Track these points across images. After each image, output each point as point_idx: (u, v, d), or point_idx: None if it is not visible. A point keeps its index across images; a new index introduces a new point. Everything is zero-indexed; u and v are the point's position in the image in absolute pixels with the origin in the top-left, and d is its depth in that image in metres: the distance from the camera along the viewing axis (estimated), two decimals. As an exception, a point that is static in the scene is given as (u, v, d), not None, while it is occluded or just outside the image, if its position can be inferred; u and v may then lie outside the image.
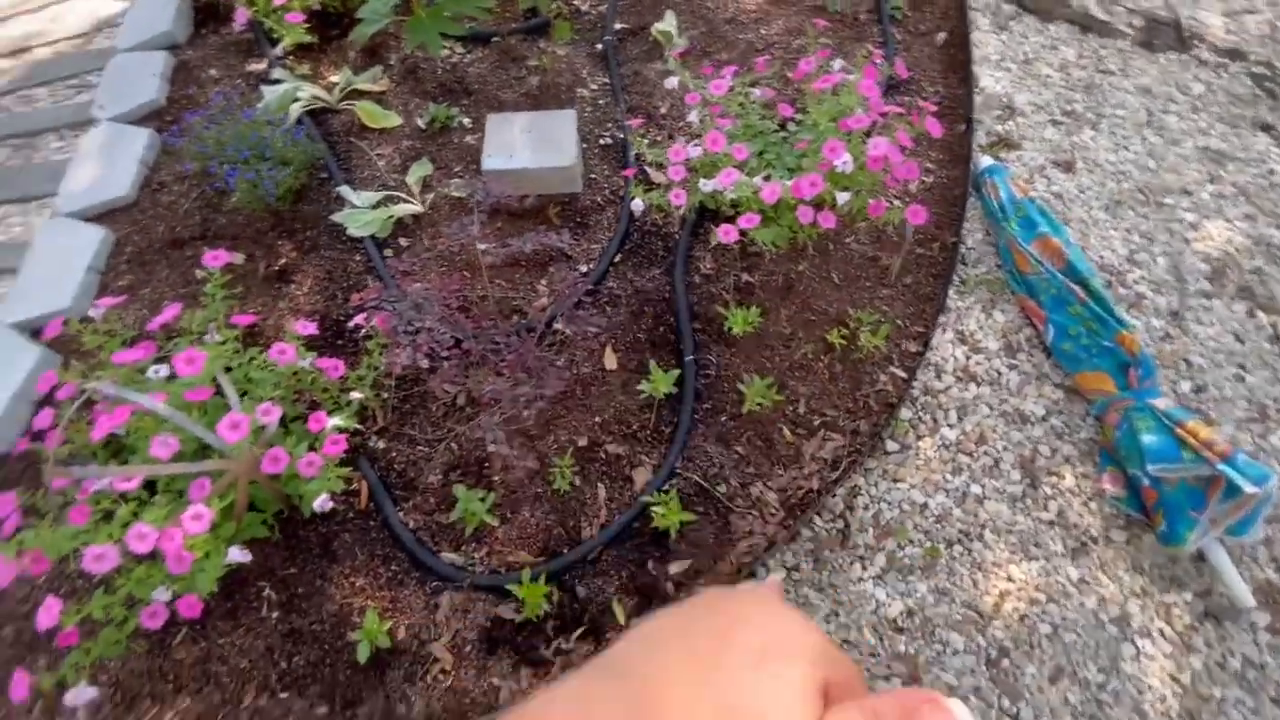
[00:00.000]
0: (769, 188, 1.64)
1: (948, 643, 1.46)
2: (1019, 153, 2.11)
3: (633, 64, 2.33)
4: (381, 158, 2.13)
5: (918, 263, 1.90)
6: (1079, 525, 1.57)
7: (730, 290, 1.86)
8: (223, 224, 1.98)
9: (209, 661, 1.45)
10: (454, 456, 1.64)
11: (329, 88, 2.25)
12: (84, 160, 2.08)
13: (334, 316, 1.82)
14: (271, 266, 1.90)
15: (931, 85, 2.23)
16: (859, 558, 1.56)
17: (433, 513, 1.58)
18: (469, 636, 1.45)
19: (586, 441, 1.65)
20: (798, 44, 2.30)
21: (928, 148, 2.10)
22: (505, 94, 2.26)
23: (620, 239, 1.94)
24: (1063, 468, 1.64)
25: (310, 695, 1.41)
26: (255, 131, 1.91)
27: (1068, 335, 1.71)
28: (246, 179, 1.85)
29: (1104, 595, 1.49)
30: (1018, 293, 1.84)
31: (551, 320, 1.80)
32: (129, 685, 1.42)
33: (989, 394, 1.73)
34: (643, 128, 2.15)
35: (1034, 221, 1.85)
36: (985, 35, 2.39)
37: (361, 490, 1.61)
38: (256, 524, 1.47)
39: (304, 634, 1.46)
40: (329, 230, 1.97)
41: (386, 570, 1.53)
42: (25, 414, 1.64)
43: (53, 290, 1.80)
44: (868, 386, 1.72)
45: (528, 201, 2.01)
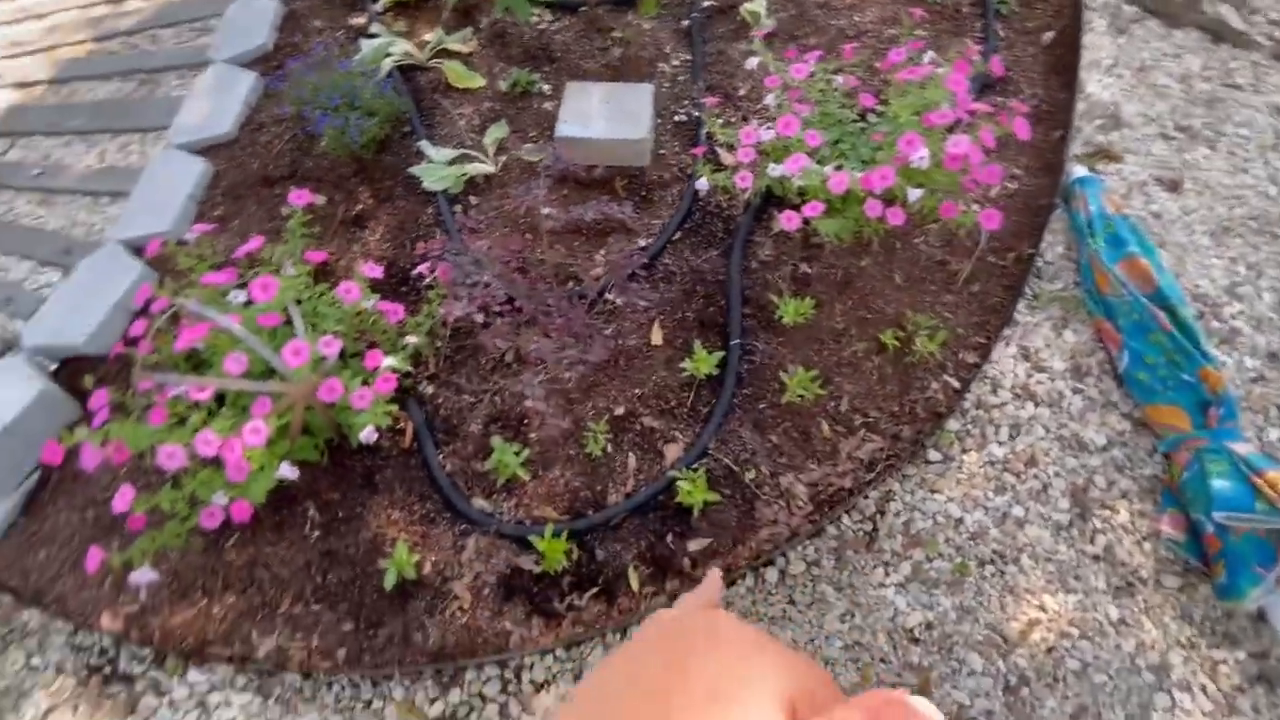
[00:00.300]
0: (837, 177, 1.60)
1: (965, 662, 1.42)
2: (1119, 166, 1.97)
3: (717, 42, 2.30)
4: (462, 117, 2.20)
5: (988, 271, 1.82)
6: (1127, 564, 1.48)
7: (786, 279, 1.83)
8: (310, 167, 2.10)
9: (255, 567, 1.57)
10: (496, 409, 1.70)
11: (420, 45, 2.33)
12: (196, 98, 2.25)
13: (400, 264, 1.91)
14: (349, 211, 2.01)
15: (1030, 87, 2.10)
16: (884, 563, 1.53)
17: (470, 460, 1.65)
18: (488, 580, 1.51)
19: (623, 411, 1.68)
20: (890, 33, 2.21)
21: (1016, 152, 1.98)
22: (587, 64, 2.28)
23: (682, 217, 1.94)
24: (1118, 502, 1.54)
25: (339, 611, 1.51)
26: (348, 81, 2.01)
27: (1144, 364, 1.60)
28: (335, 125, 1.95)
29: (1144, 640, 1.41)
30: (1094, 314, 1.73)
31: (604, 289, 1.83)
32: (185, 576, 1.56)
33: (1047, 415, 1.65)
34: (718, 107, 2.13)
35: (1123, 240, 1.73)
36: (1099, 38, 2.22)
37: (407, 430, 1.69)
38: (308, 447, 1.58)
39: (339, 555, 1.56)
40: (405, 182, 2.06)
41: (421, 508, 1.61)
42: (123, 322, 1.80)
43: (157, 214, 1.97)
44: (917, 392, 1.66)
45: (596, 172, 2.03)
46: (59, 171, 2.36)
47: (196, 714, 1.49)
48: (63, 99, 2.60)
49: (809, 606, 1.50)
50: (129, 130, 2.43)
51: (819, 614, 1.49)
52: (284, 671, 1.48)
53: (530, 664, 1.48)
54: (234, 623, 1.51)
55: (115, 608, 1.55)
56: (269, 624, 1.51)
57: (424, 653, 1.44)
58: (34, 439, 1.66)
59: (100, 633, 1.54)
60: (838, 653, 1.45)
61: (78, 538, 1.63)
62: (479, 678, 1.47)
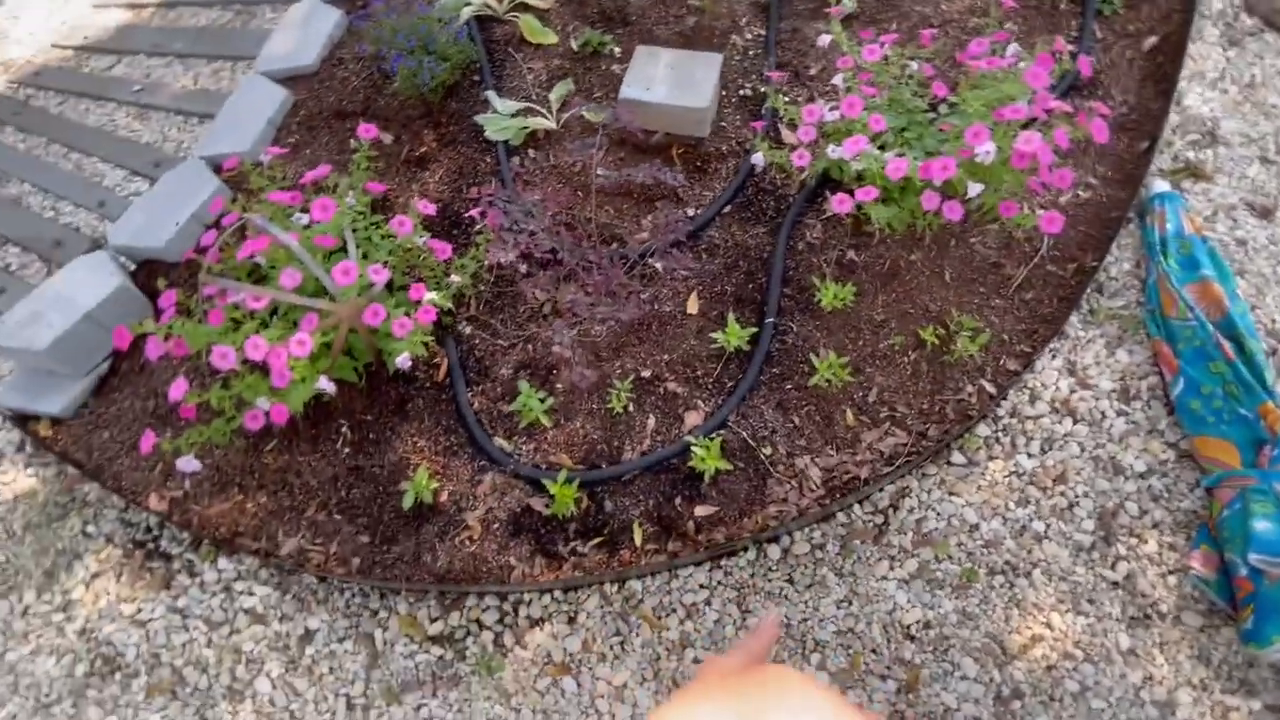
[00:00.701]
0: (896, 162, 1.56)
1: (959, 665, 1.40)
2: (1207, 186, 1.85)
3: (794, 19, 2.26)
4: (530, 71, 2.23)
5: (1045, 280, 1.74)
6: (1148, 595, 1.42)
7: (831, 264, 1.80)
8: (381, 105, 2.17)
9: (287, 473, 1.67)
10: (527, 356, 1.75)
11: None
12: (284, 30, 2.35)
13: (454, 206, 1.97)
14: (412, 151, 2.08)
15: (1122, 93, 1.99)
16: (890, 557, 1.51)
17: (497, 401, 1.71)
18: (499, 516, 1.57)
19: (650, 374, 1.70)
20: (976, 24, 2.12)
21: (1095, 160, 1.88)
22: (660, 29, 2.27)
23: (734, 191, 1.93)
24: (1147, 532, 1.48)
25: (358, 524, 1.60)
26: (426, 25, 2.06)
27: (1199, 393, 1.52)
28: (409, 67, 2.01)
29: (1153, 675, 1.36)
30: (1154, 336, 1.65)
31: (646, 254, 1.84)
32: (225, 471, 1.68)
33: (1085, 434, 1.58)
34: (785, 84, 2.09)
35: (1198, 262, 1.63)
36: (1207, 48, 2.07)
37: (442, 366, 1.76)
38: (348, 368, 1.66)
39: (365, 472, 1.65)
40: (469, 129, 2.11)
41: (445, 440, 1.68)
42: (197, 231, 1.92)
43: (237, 135, 2.08)
44: (949, 392, 1.63)
45: (654, 137, 2.04)
46: (157, 89, 2.51)
47: (222, 598, 1.61)
48: (168, 22, 2.76)
49: (807, 588, 1.50)
50: (223, 57, 2.56)
51: (816, 596, 1.49)
52: (302, 571, 1.58)
53: (529, 600, 1.54)
54: (263, 520, 1.62)
55: (162, 491, 1.68)
56: (294, 526, 1.61)
57: (431, 573, 1.52)
58: (109, 329, 1.81)
59: (147, 512, 1.68)
60: (829, 636, 1.45)
61: (137, 424, 1.77)
62: (479, 605, 1.54)
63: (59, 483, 1.79)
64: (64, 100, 2.58)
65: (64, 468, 1.80)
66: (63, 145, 2.43)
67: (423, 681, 1.48)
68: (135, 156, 2.34)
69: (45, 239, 2.18)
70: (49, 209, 2.28)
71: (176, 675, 1.53)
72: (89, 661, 1.56)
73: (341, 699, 1.49)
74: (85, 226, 2.22)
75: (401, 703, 1.47)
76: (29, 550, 1.71)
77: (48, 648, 1.59)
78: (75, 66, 2.69)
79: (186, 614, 1.59)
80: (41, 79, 2.65)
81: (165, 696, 1.51)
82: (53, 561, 1.69)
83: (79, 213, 2.26)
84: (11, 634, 1.61)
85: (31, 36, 2.85)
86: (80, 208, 2.26)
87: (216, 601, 1.60)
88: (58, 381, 1.80)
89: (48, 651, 1.58)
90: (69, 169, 2.37)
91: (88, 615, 1.61)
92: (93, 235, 2.18)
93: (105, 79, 2.60)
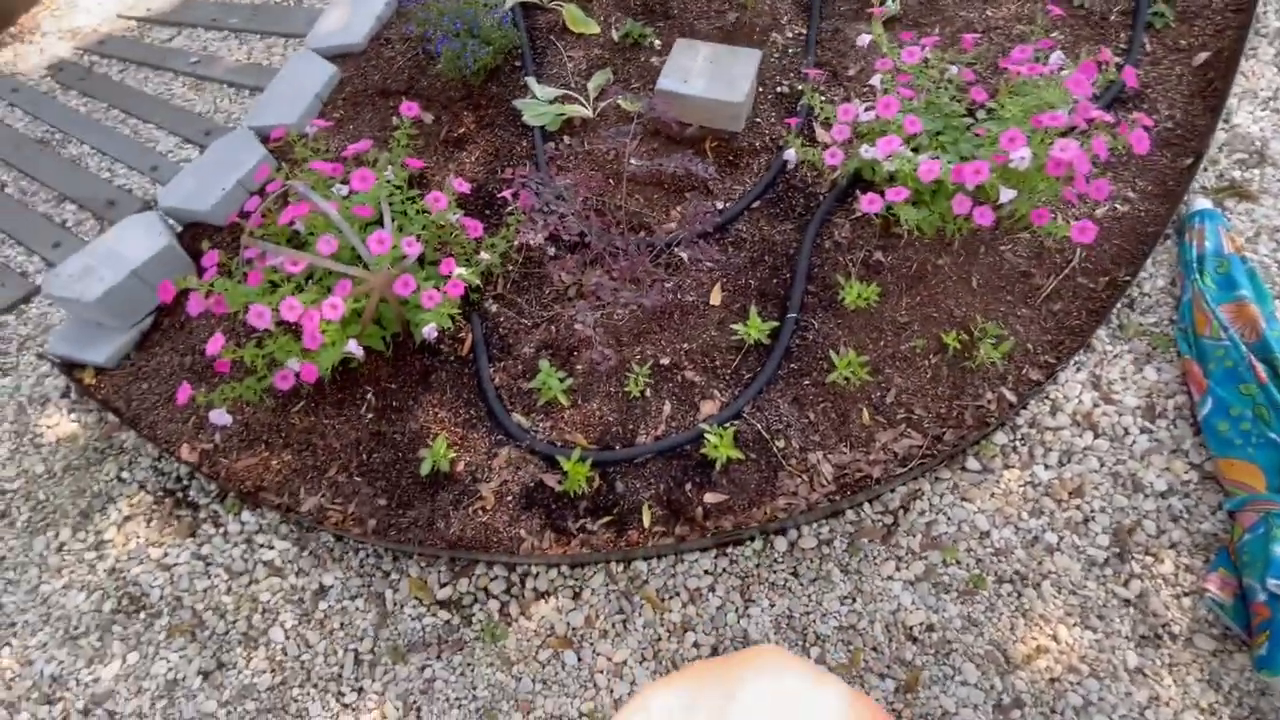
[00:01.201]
0: (928, 165, 1.56)
1: (960, 670, 1.39)
2: (1252, 206, 1.81)
3: (836, 19, 2.25)
4: (570, 60, 2.27)
5: (1075, 292, 1.72)
6: (1159, 616, 1.40)
7: (857, 263, 1.80)
8: (424, 85, 2.23)
9: (312, 434, 1.73)
10: (550, 337, 1.78)
11: (546, -14, 2.40)
12: (335, 8, 2.42)
13: (488, 187, 2.01)
14: (451, 131, 2.13)
15: (1169, 108, 1.95)
16: (896, 557, 1.51)
17: (517, 378, 1.74)
18: (513, 489, 1.61)
19: (669, 361, 1.72)
20: (1020, 31, 2.10)
21: (1135, 174, 1.85)
22: (701, 24, 2.29)
23: (764, 186, 1.94)
24: (1164, 551, 1.45)
25: (376, 487, 1.65)
26: (471, 9, 2.11)
27: (1228, 414, 1.48)
28: (452, 49, 2.06)
29: (1159, 695, 1.34)
30: (1185, 355, 1.62)
31: (673, 243, 1.86)
32: (253, 427, 1.74)
33: (1105, 449, 1.56)
34: (822, 83, 2.10)
35: (1235, 282, 1.60)
36: (1262, 66, 2.02)
37: (467, 341, 1.80)
38: (376, 336, 1.71)
39: (386, 438, 1.70)
40: (507, 113, 2.15)
41: (465, 412, 1.72)
42: (242, 197, 1.99)
43: (286, 106, 2.15)
44: (969, 398, 1.62)
45: (689, 130, 2.06)
46: (212, 62, 2.61)
47: (244, 549, 1.67)
48: (226, -2, 2.86)
49: (811, 582, 1.50)
50: (276, 33, 2.65)
51: (820, 591, 1.49)
52: (320, 529, 1.63)
53: (536, 573, 1.57)
54: (287, 477, 1.68)
55: (194, 443, 1.75)
56: (315, 485, 1.66)
57: (444, 539, 1.56)
58: (153, 285, 1.89)
59: (179, 462, 1.75)
60: (830, 632, 1.45)
61: (174, 378, 1.84)
62: (487, 573, 1.58)
63: (99, 429, 1.88)
64: (125, 68, 2.69)
65: (104, 415, 1.88)
66: (121, 111, 2.54)
67: (428, 643, 1.53)
68: (188, 125, 2.43)
69: (100, 198, 2.28)
70: (105, 170, 2.39)
71: (196, 618, 1.60)
72: (116, 599, 1.64)
73: (350, 654, 1.53)
74: (138, 188, 2.31)
75: (407, 662, 1.51)
76: (67, 491, 1.80)
77: (79, 583, 1.67)
78: (138, 37, 2.80)
79: (209, 561, 1.66)
80: (106, 47, 2.77)
81: (185, 637, 1.58)
82: (88, 503, 1.77)
83: (132, 175, 2.35)
84: (46, 568, 1.70)
85: (99, 6, 2.97)
86: (134, 170, 2.36)
87: (238, 552, 1.66)
88: (105, 333, 1.88)
89: (79, 587, 1.66)
90: (126, 134, 2.47)
91: (117, 556, 1.69)
92: (144, 197, 2.28)
93: (164, 50, 2.70)
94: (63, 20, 2.96)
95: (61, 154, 2.46)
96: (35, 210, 2.33)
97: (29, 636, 1.61)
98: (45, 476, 1.83)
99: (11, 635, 1.61)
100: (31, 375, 1.99)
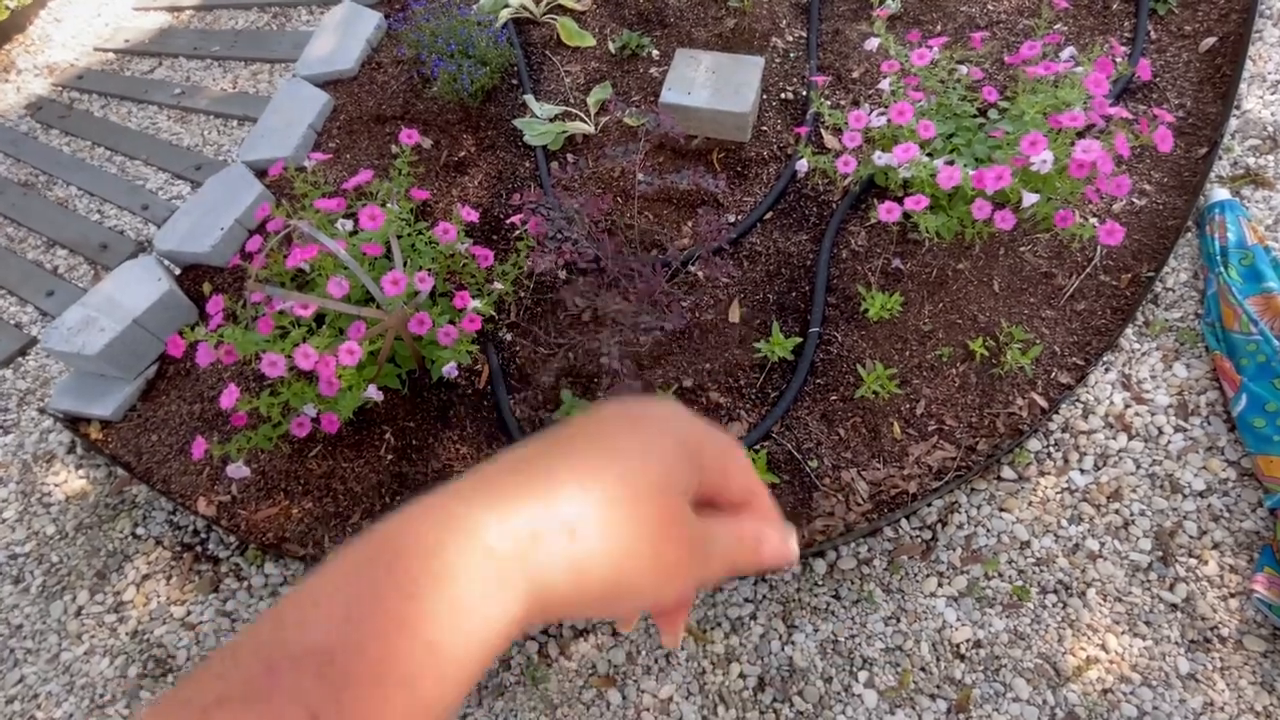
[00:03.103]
0: (948, 171, 1.53)
1: (1011, 686, 1.38)
2: (1270, 193, 1.79)
3: (835, 21, 2.22)
4: (568, 75, 2.22)
5: (1098, 291, 1.70)
6: (1208, 619, 1.39)
7: (876, 272, 1.77)
8: (420, 109, 2.17)
9: (332, 479, 1.69)
10: (569, 364, 1.75)
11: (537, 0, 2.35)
12: (324, 33, 2.36)
13: (494, 212, 1.97)
14: (452, 155, 2.08)
15: (1178, 96, 1.93)
16: (938, 573, 1.49)
17: (539, 409, 1.71)
18: (543, 525, 1.57)
19: (692, 383, 1.69)
20: (1025, 25, 2.07)
21: (1150, 166, 1.83)
22: (699, 32, 2.24)
23: (776, 196, 1.91)
24: (1207, 552, 1.44)
25: (403, 531, 1.61)
26: (464, 28, 2.06)
27: (1263, 410, 1.47)
28: (449, 71, 2.01)
29: (1214, 700, 1.32)
30: (1214, 350, 1.60)
31: (688, 260, 1.83)
32: (270, 475, 1.70)
33: (1140, 450, 1.54)
34: (828, 88, 2.06)
35: (1261, 274, 1.58)
36: (1269, 49, 2.00)
37: (483, 373, 1.76)
38: (392, 375, 1.67)
39: (409, 479, 1.66)
40: (507, 133, 2.10)
41: (488, 447, 1.68)
42: (241, 237, 1.94)
43: (279, 139, 2.09)
44: (999, 406, 1.59)
45: (694, 142, 2.02)
46: (196, 92, 2.54)
47: (269, 602, 1.63)
48: (206, 25, 2.78)
49: (854, 604, 1.48)
50: (261, 59, 2.58)
51: (863, 612, 1.47)
52: (348, 577, 1.59)
53: (572, 610, 1.54)
54: (309, 525, 1.64)
55: (210, 495, 1.70)
56: (339, 532, 1.62)
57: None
58: (156, 333, 1.83)
59: (196, 515, 1.70)
60: (877, 654, 1.43)
61: (184, 428, 1.79)
62: (523, 614, 1.54)
63: (109, 484, 1.82)
64: (107, 103, 2.62)
65: (113, 469, 1.83)
66: (107, 149, 2.47)
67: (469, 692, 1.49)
68: (177, 160, 2.37)
69: (91, 242, 2.22)
70: (94, 211, 2.32)
71: (226, 678, 1.56)
72: (141, 663, 1.59)
73: (387, 705, 1.50)
74: (130, 229, 2.25)
75: (446, 710, 1.48)
76: (80, 551, 1.75)
77: (101, 648, 1.62)
78: (117, 70, 2.73)
79: (235, 617, 1.61)
80: (85, 82, 2.69)
81: (215, 699, 1.54)
82: (104, 562, 1.72)
83: (123, 215, 2.29)
84: (66, 634, 1.65)
85: (74, 39, 2.89)
86: (125, 210, 2.30)
87: (264, 606, 1.62)
88: (108, 384, 1.83)
89: (101, 652, 1.62)
90: (113, 172, 2.40)
91: (139, 617, 1.64)
92: (137, 238, 2.21)
93: (146, 81, 2.63)
94: (37, 56, 2.87)
95: (48, 196, 2.39)
96: (25, 257, 2.26)
97: (54, 708, 1.56)
98: (57, 537, 1.78)
99: (35, 708, 1.56)
100: (34, 431, 1.93)
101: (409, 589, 0.23)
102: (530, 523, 0.25)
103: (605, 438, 0.29)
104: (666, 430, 0.30)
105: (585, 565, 0.25)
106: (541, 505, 0.26)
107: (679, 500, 0.28)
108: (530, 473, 0.27)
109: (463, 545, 0.24)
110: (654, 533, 0.27)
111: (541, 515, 0.25)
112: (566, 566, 0.25)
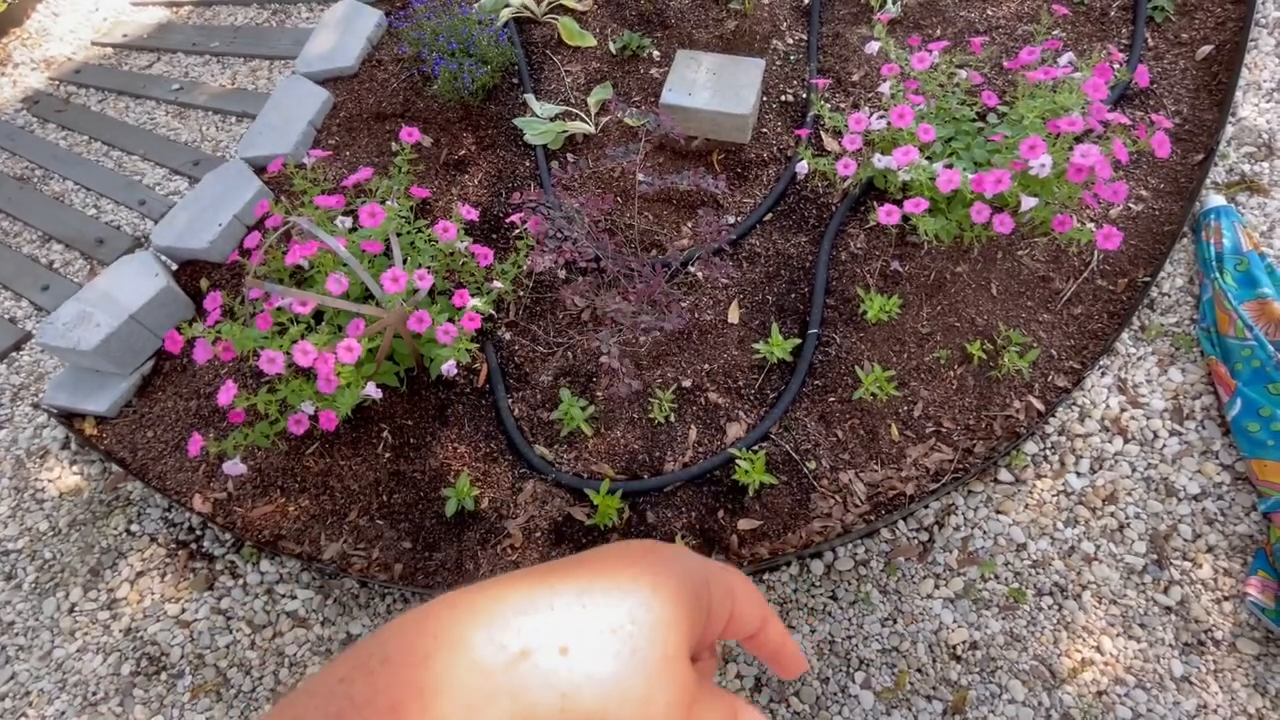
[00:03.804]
0: (947, 175, 1.53)
1: (1006, 688, 1.38)
2: (1264, 200, 1.81)
3: (836, 24, 2.23)
4: (569, 74, 2.22)
5: (1095, 295, 1.71)
6: (1201, 621, 1.39)
7: (875, 275, 1.78)
8: (420, 107, 2.17)
9: (329, 476, 1.68)
10: (567, 363, 1.75)
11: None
12: (324, 30, 2.35)
13: (494, 211, 1.97)
14: (452, 154, 2.07)
15: (1175, 103, 1.94)
16: (935, 575, 1.49)
17: (537, 408, 1.70)
18: (541, 525, 1.57)
19: (691, 384, 1.69)
20: (1025, 30, 2.08)
21: (1146, 172, 1.85)
22: (700, 33, 2.25)
23: (776, 198, 1.91)
24: (1201, 556, 1.45)
25: (400, 529, 1.60)
26: (465, 27, 2.06)
27: (1257, 414, 1.48)
28: (449, 69, 2.01)
29: (1207, 703, 1.33)
30: (1209, 355, 1.61)
31: (688, 261, 1.83)
32: (266, 473, 1.69)
33: (1136, 454, 1.55)
34: (828, 90, 2.07)
35: (1256, 279, 1.60)
36: (1264, 57, 2.02)
37: (482, 371, 1.76)
38: (390, 373, 1.66)
39: (406, 477, 1.65)
40: (507, 132, 2.10)
41: (486, 446, 1.68)
42: (239, 233, 1.93)
43: (279, 136, 2.09)
44: (996, 409, 1.60)
45: (695, 143, 2.02)
46: (195, 88, 2.53)
47: (265, 600, 1.62)
48: (205, 20, 2.77)
49: (851, 605, 1.48)
50: (260, 56, 2.57)
51: (860, 614, 1.47)
52: (344, 575, 1.59)
53: (569, 610, 1.53)
54: (306, 524, 1.63)
55: (206, 492, 1.69)
56: (336, 530, 1.62)
57: (474, 581, 1.52)
58: (153, 329, 1.82)
59: (191, 512, 1.70)
60: (874, 655, 1.43)
61: (180, 424, 1.78)
62: (520, 614, 1.54)
63: (103, 480, 1.81)
64: (104, 98, 2.61)
65: (108, 466, 1.82)
66: (104, 143, 2.46)
67: (464, 689, 1.49)
68: (174, 155, 2.36)
69: (88, 237, 2.21)
70: (91, 206, 2.31)
71: (221, 676, 1.55)
72: (135, 660, 1.58)
73: (383, 704, 1.49)
74: (126, 224, 2.24)
75: (442, 709, 1.47)
76: (74, 547, 1.73)
77: (94, 646, 1.61)
78: (115, 64, 2.71)
79: (230, 615, 1.61)
80: (82, 76, 2.68)
81: (210, 697, 1.53)
82: (98, 559, 1.71)
83: (120, 210, 2.28)
84: (59, 631, 1.63)
85: (72, 34, 2.88)
86: (121, 205, 2.29)
87: (259, 604, 1.61)
88: (103, 380, 1.81)
89: (94, 649, 1.60)
90: (110, 167, 2.39)
91: (133, 614, 1.63)
92: (134, 234, 2.20)
93: (144, 77, 2.62)
94: (35, 50, 2.86)
95: (44, 191, 2.38)
96: (20, 252, 2.25)
97: (45, 705, 1.55)
98: (50, 533, 1.76)
99: (27, 705, 1.55)
100: (28, 427, 1.92)
101: (393, 699, 0.23)
102: (521, 637, 0.25)
103: (612, 566, 0.28)
104: (674, 570, 0.29)
105: (572, 689, 0.25)
106: (536, 619, 0.25)
107: (681, 644, 0.28)
108: (530, 586, 0.27)
109: (449, 659, 0.24)
110: (650, 672, 0.26)
111: (535, 630, 0.25)
112: (554, 687, 0.25)
